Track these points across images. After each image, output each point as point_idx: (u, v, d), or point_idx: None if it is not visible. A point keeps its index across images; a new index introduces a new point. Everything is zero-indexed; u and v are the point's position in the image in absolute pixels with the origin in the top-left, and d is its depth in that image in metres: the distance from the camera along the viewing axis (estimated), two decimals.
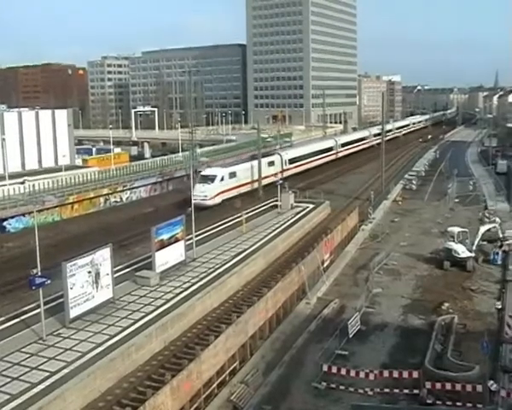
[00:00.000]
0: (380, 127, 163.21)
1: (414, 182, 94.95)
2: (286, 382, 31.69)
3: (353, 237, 61.55)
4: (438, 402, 28.80)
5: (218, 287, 40.06)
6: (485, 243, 54.38)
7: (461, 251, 50.06)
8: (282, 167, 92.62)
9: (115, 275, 37.41)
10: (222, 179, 76.18)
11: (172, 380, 27.12)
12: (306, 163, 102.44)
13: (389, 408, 29.44)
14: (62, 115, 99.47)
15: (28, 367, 27.91)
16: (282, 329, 38.96)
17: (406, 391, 29.68)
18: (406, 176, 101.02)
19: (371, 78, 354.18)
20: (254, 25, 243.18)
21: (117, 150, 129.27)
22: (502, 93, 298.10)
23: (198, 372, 29.08)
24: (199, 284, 39.83)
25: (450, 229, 53.53)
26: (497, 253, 52.42)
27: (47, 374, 27.17)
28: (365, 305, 42.23)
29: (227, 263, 44.80)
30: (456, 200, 79.47)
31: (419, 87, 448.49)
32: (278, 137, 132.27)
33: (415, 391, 29.46)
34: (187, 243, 44.49)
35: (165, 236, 41.24)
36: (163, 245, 41.03)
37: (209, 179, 75.36)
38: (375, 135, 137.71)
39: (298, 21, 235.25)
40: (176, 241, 42.43)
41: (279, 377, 32.23)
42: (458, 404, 28.42)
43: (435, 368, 31.65)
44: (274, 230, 55.85)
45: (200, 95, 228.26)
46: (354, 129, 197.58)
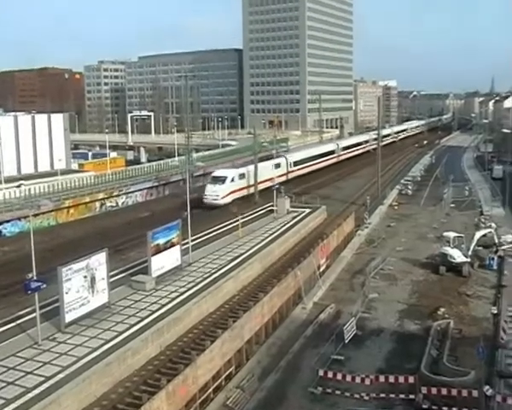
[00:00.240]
0: (385, 131, 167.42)
1: (410, 187, 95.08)
2: (282, 387, 31.67)
3: (349, 242, 61.67)
4: (434, 407, 28.83)
5: (214, 292, 39.94)
6: (480, 249, 54.58)
7: (456, 256, 50.17)
8: (288, 169, 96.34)
9: (111, 280, 37.23)
10: (232, 180, 79.73)
11: (168, 385, 27.09)
12: (310, 166, 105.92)
13: None
14: (58, 119, 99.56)
15: (23, 372, 27.79)
16: (278, 334, 38.96)
17: (402, 396, 29.75)
18: (402, 181, 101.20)
19: (367, 83, 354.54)
20: (251, 29, 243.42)
21: (113, 155, 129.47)
22: (497, 99, 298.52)
23: (194, 377, 29.05)
24: (195, 289, 39.70)
25: (445, 234, 53.68)
26: (493, 258, 52.58)
27: (42, 379, 27.05)
28: (361, 310, 42.27)
29: (223, 268, 44.66)
30: (451, 205, 79.65)
31: (415, 92, 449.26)
32: (274, 142, 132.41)
33: (411, 396, 29.51)
34: (183, 248, 44.41)
35: (161, 240, 41.15)
36: (159, 250, 40.94)
37: (220, 180, 78.89)
38: (375, 139, 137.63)
39: (294, 26, 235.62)
40: (172, 245, 42.32)
41: (275, 382, 32.22)
42: (454, 409, 28.43)
43: (431, 373, 31.75)
44: (270, 234, 55.77)
45: (196, 99, 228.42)
46: (350, 134, 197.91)
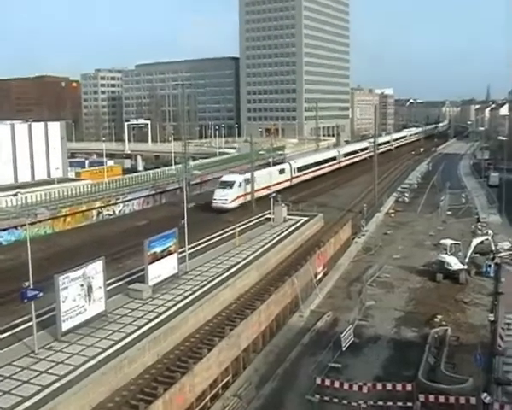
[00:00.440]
0: (381, 139, 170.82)
1: (406, 194, 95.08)
2: (279, 395, 31.62)
3: (346, 250, 61.72)
4: None
5: (211, 300, 39.94)
6: (477, 256, 54.57)
7: (453, 263, 50.22)
8: (292, 175, 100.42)
9: (108, 288, 37.35)
10: (240, 185, 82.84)
11: (165, 393, 27.06)
12: (313, 171, 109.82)
13: None
14: (55, 128, 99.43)
15: (20, 381, 27.74)
16: (276, 342, 38.95)
17: (400, 404, 29.65)
18: (399, 188, 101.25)
19: (364, 91, 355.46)
20: (247, 38, 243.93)
21: (110, 163, 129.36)
22: (493, 106, 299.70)
23: (191, 386, 29.02)
24: (192, 297, 39.72)
25: (442, 241, 53.75)
26: (490, 265, 52.67)
27: (39, 388, 27.01)
28: (358, 318, 42.28)
29: (220, 276, 44.69)
30: (448, 212, 79.76)
31: (411, 100, 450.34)
32: (271, 150, 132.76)
33: (408, 404, 29.42)
34: (180, 256, 44.38)
35: (157, 249, 41.16)
36: (156, 258, 40.92)
37: (228, 185, 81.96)
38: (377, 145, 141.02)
39: (291, 34, 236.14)
40: (169, 254, 42.34)
41: (272, 390, 32.17)
42: None
43: (429, 381, 31.74)
44: (267, 243, 55.80)
45: (193, 108, 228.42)
46: (347, 142, 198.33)
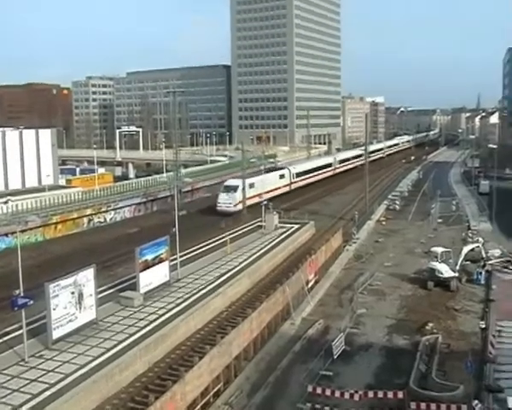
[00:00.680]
0: (375, 146, 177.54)
1: (397, 202, 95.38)
2: (270, 403, 31.52)
3: (337, 258, 61.69)
4: None
5: (203, 308, 39.88)
6: (468, 263, 54.73)
7: (444, 271, 50.29)
8: (291, 180, 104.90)
9: (99, 296, 37.19)
10: (243, 189, 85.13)
11: (156, 402, 26.94)
12: (311, 177, 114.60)
13: None
14: (46, 135, 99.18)
15: (10, 390, 27.56)
16: (267, 350, 38.84)
17: None
18: (390, 196, 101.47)
19: (355, 99, 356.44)
20: (239, 46, 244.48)
21: (101, 170, 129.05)
22: (484, 114, 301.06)
23: (182, 394, 28.91)
24: (183, 305, 39.64)
25: (433, 249, 53.82)
26: (481, 272, 52.78)
27: (29, 396, 26.85)
28: (350, 325, 42.22)
29: (211, 284, 44.61)
30: (439, 220, 79.92)
31: (402, 108, 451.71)
32: (263, 157, 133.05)
33: None
34: (171, 264, 44.31)
35: (149, 256, 41.06)
36: (147, 266, 40.83)
37: (232, 189, 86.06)
38: (371, 152, 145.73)
39: (282, 43, 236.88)
40: (160, 261, 42.25)
41: (264, 398, 32.07)
42: None
43: (420, 388, 31.67)
44: (258, 250, 55.77)
45: (184, 115, 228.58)
46: (338, 150, 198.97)
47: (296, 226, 66.61)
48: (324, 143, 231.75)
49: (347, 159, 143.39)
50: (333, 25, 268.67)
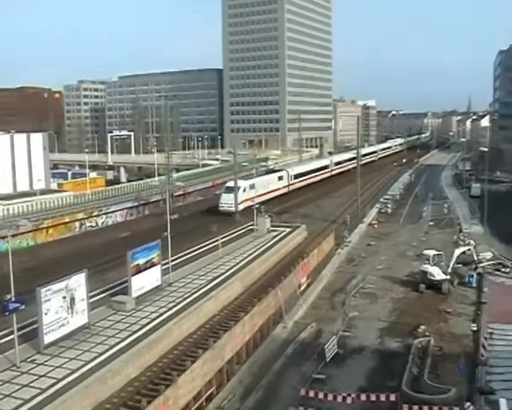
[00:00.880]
0: (368, 149, 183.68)
1: (389, 205, 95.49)
2: (263, 407, 31.49)
3: (330, 261, 61.70)
4: None
5: (195, 312, 39.81)
6: (460, 266, 54.88)
7: (436, 274, 50.44)
8: (289, 182, 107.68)
9: (91, 300, 37.03)
10: (244, 190, 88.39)
11: (149, 406, 26.87)
12: (307, 179, 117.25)
13: None
14: (37, 139, 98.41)
15: (1, 395, 27.41)
16: (259, 353, 38.82)
17: None
18: (382, 199, 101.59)
19: (346, 102, 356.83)
20: (231, 49, 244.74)
21: (93, 175, 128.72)
22: (475, 117, 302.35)
23: (175, 398, 28.85)
24: (175, 309, 39.57)
25: (425, 252, 54.02)
26: (472, 275, 52.95)
27: (21, 402, 26.70)
28: (342, 328, 42.22)
29: (203, 287, 44.55)
30: (431, 223, 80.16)
31: (394, 112, 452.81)
32: (254, 161, 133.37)
33: None
34: (163, 268, 44.21)
35: (141, 260, 40.96)
36: (139, 270, 40.72)
37: (233, 190, 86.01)
38: (364, 155, 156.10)
39: (274, 46, 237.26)
40: (152, 265, 42.14)
41: (256, 402, 32.02)
42: None
43: (412, 391, 31.68)
44: (250, 254, 55.75)
45: (176, 119, 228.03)
46: (330, 153, 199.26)
47: (288, 230, 66.63)
48: (316, 147, 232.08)
49: (343, 161, 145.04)
50: (324, 28, 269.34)
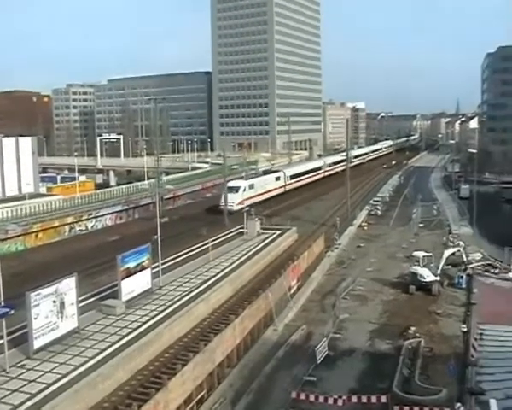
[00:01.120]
0: (359, 151, 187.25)
1: (379, 207, 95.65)
2: None
3: (320, 264, 61.79)
4: None
5: (185, 315, 39.64)
6: (449, 267, 55.10)
7: (426, 275, 50.63)
8: (285, 182, 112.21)
9: (80, 304, 36.83)
10: (244, 190, 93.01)
11: None
12: (303, 179, 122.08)
13: None
14: (26, 143, 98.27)
15: None
16: (250, 356, 38.84)
17: None
18: (371, 201, 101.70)
19: (336, 105, 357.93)
20: (220, 52, 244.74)
21: (82, 178, 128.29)
22: (463, 119, 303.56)
23: (165, 402, 28.80)
24: (165, 313, 39.35)
25: (415, 253, 54.19)
26: (462, 276, 53.22)
27: (10, 407, 26.48)
28: (333, 331, 42.31)
29: (194, 291, 44.34)
30: (420, 225, 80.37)
31: (383, 114, 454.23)
32: (244, 164, 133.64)
33: None
34: (153, 271, 44.06)
35: (131, 264, 40.73)
36: (129, 273, 40.52)
37: (234, 190, 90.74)
38: (355, 157, 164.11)
39: (263, 49, 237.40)
40: (142, 269, 41.94)
41: (247, 404, 32.05)
42: None
43: (403, 392, 31.81)
44: (241, 257, 55.55)
45: (165, 122, 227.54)
46: (319, 156, 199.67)
47: (278, 232, 66.49)
48: (305, 149, 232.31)
49: (336, 162, 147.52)
50: (313, 31, 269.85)
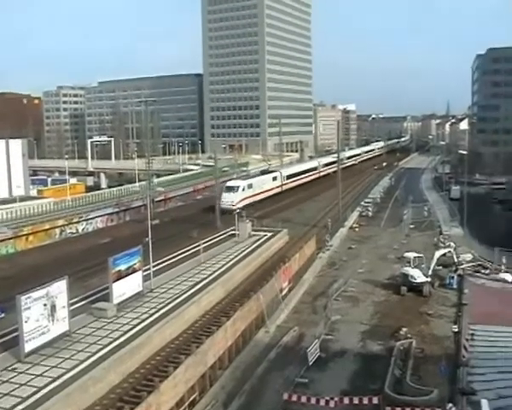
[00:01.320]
0: (352, 152, 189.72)
1: (370, 209, 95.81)
2: None
3: (311, 265, 61.73)
4: None
5: (177, 317, 39.53)
6: (440, 268, 55.21)
7: (417, 276, 50.67)
8: (282, 182, 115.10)
9: (71, 307, 36.66)
10: (243, 189, 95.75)
11: None
12: (299, 179, 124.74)
13: None
14: (17, 145, 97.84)
15: None
16: (242, 358, 38.75)
17: None
18: (362, 203, 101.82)
19: (327, 107, 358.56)
20: (211, 54, 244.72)
21: (73, 181, 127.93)
22: (453, 121, 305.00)
23: (157, 404, 28.71)
24: (157, 315, 39.24)
25: (406, 254, 54.26)
26: (453, 277, 53.30)
27: None
28: (324, 332, 42.27)
29: (185, 293, 44.24)
30: (411, 226, 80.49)
31: (373, 115, 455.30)
32: (236, 166, 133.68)
33: None
34: (144, 274, 43.93)
35: (122, 266, 40.58)
36: (120, 276, 40.39)
37: (233, 189, 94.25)
38: (349, 157, 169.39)
39: (254, 51, 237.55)
40: (133, 271, 41.80)
41: (239, 407, 31.98)
42: None
43: (395, 393, 31.82)
44: (232, 259, 55.48)
45: (156, 124, 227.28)
46: (311, 157, 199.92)
47: (269, 234, 66.46)
48: (297, 151, 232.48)
49: (330, 163, 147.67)
50: (304, 33, 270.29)
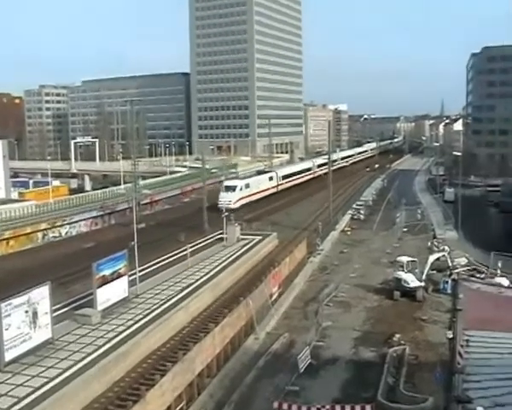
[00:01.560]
0: (345, 153, 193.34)
1: (362, 212, 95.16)
2: None
3: (302, 270, 61.15)
4: None
5: (164, 324, 38.87)
6: (434, 272, 54.69)
7: (410, 281, 50.17)
8: (278, 182, 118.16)
9: (54, 314, 35.84)
10: (241, 189, 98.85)
11: None
12: (294, 179, 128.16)
13: None
14: None
15: None
16: (231, 366, 38.13)
17: None
18: (354, 206, 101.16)
19: (317, 107, 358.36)
20: (198, 53, 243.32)
21: (55, 183, 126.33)
22: (447, 121, 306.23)
23: None
24: (143, 322, 38.51)
25: (399, 258, 53.77)
26: (447, 282, 52.70)
27: None
28: (315, 339, 41.69)
29: (172, 298, 43.54)
30: (404, 229, 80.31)
31: (365, 116, 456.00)
32: (224, 168, 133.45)
33: None
34: (130, 279, 43.02)
35: (106, 271, 39.66)
36: (105, 281, 39.43)
37: (231, 189, 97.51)
38: (343, 158, 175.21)
39: (242, 50, 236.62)
40: (118, 276, 40.90)
41: None
42: None
43: (388, 401, 31.35)
44: (220, 263, 54.85)
45: (142, 125, 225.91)
46: (301, 159, 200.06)
47: (258, 238, 65.80)
48: (287, 152, 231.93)
49: (324, 164, 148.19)
50: (294, 31, 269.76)
